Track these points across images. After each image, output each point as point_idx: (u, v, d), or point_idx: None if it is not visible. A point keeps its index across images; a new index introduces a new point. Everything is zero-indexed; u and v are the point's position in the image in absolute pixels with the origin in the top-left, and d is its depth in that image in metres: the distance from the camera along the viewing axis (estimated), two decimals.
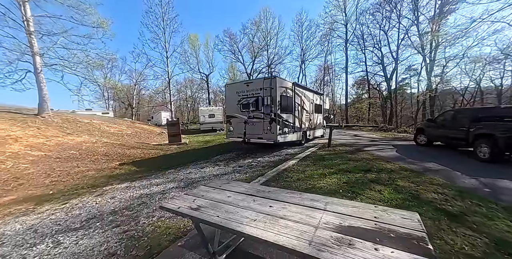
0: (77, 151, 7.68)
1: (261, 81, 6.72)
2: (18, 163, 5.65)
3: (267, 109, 6.54)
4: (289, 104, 7.26)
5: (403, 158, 5.90)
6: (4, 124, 7.95)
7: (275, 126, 6.47)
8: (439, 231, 2.21)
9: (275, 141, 6.47)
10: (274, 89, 6.41)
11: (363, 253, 0.88)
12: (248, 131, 7.14)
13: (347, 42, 25.71)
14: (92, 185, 4.44)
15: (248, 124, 7.12)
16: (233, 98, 7.52)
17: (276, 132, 6.46)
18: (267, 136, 6.65)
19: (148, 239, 2.32)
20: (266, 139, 6.68)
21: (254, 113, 6.91)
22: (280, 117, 6.64)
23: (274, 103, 6.44)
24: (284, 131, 6.89)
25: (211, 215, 1.35)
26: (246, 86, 7.20)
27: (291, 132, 7.45)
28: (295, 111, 7.58)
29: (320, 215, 1.25)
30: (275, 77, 6.54)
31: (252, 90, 7.01)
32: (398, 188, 3.48)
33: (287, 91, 7.12)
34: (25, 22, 9.63)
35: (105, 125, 14.11)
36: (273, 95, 6.44)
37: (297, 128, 7.90)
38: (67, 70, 11.73)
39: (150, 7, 24.30)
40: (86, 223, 2.72)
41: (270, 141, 6.55)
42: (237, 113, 7.43)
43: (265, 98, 6.58)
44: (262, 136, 6.78)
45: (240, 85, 7.47)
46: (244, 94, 7.21)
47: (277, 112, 6.46)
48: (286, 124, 7.02)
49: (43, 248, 2.19)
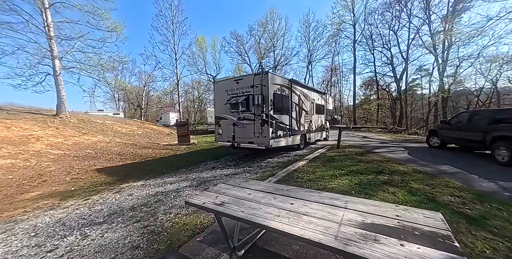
0: (92, 150, 8.00)
1: (252, 77, 5.87)
2: (41, 160, 5.97)
3: (258, 110, 5.74)
4: (285, 104, 6.46)
5: (416, 160, 5.79)
6: (27, 124, 8.40)
7: (267, 129, 5.65)
8: (457, 234, 2.19)
9: (267, 146, 5.66)
10: (266, 86, 5.60)
11: (390, 248, 0.92)
12: (238, 134, 6.32)
13: (355, 43, 25.40)
14: (109, 183, 4.63)
15: (238, 127, 6.30)
16: (222, 97, 6.69)
17: (268, 135, 5.65)
18: (259, 140, 5.83)
19: (168, 234, 2.43)
20: (257, 143, 5.84)
21: (244, 114, 6.07)
22: (273, 118, 5.85)
23: (266, 103, 5.63)
24: (278, 134, 6.11)
25: (235, 210, 1.42)
26: (236, 84, 6.27)
27: (287, 135, 6.64)
28: (292, 112, 6.80)
29: (341, 212, 1.30)
30: (267, 72, 5.66)
31: (242, 88, 6.15)
32: (412, 190, 3.44)
33: (282, 89, 6.28)
34: (46, 28, 10.17)
35: (117, 125, 14.59)
36: (264, 93, 5.63)
37: (295, 131, 7.09)
38: (83, 72, 12.29)
39: (160, 11, 25.00)
40: (108, 218, 2.87)
41: (261, 146, 5.70)
42: (226, 114, 6.63)
43: (255, 97, 5.73)
44: (253, 139, 5.95)
45: (230, 83, 6.51)
46: (234, 93, 6.36)
47: (270, 113, 5.68)
48: (281, 126, 6.22)
49: (73, 240, 2.34)
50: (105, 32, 12.65)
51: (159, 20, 25.43)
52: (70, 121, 10.91)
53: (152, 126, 19.05)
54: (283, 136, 6.38)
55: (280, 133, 6.23)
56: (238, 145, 6.27)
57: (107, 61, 13.34)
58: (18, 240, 2.37)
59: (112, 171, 5.84)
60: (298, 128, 7.39)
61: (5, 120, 8.19)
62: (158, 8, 24.97)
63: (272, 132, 5.81)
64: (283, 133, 6.39)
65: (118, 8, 23.23)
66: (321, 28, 30.70)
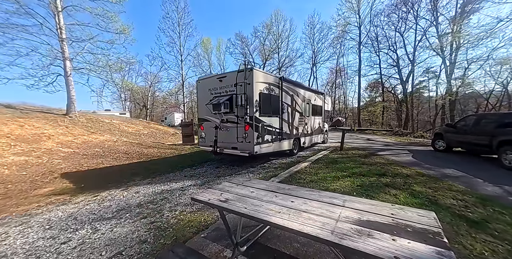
0: (100, 148, 8.24)
1: (235, 75, 5.18)
2: (52, 158, 6.20)
3: (242, 112, 5.11)
4: (274, 104, 5.82)
5: (420, 163, 5.76)
6: (39, 123, 8.72)
7: (251, 133, 5.03)
8: (457, 236, 2.21)
9: (251, 153, 5.05)
10: (250, 85, 4.98)
11: (382, 242, 0.99)
12: (221, 138, 5.70)
13: (361, 45, 25.30)
14: (116, 181, 4.79)
15: (222, 130, 5.68)
16: (205, 97, 6.06)
17: (253, 140, 5.03)
18: (242, 146, 5.20)
19: (173, 230, 2.53)
20: (241, 149, 5.22)
21: (228, 116, 5.46)
22: (259, 121, 5.22)
23: (251, 104, 5.02)
24: (265, 138, 5.44)
25: (239, 207, 1.51)
26: (219, 82, 5.64)
27: (277, 140, 5.97)
28: (282, 113, 6.14)
29: (339, 210, 1.37)
30: (251, 69, 4.96)
31: (225, 87, 5.52)
32: (414, 192, 3.45)
33: (271, 89, 5.62)
34: (58, 30, 10.55)
35: (124, 125, 14.92)
36: (248, 93, 5.00)
37: (286, 135, 6.44)
38: (92, 73, 12.65)
39: (167, 13, 25.48)
40: (117, 214, 3.00)
41: (244, 153, 5.09)
42: (209, 116, 6.00)
43: (239, 97, 5.11)
44: (236, 145, 5.32)
45: (212, 81, 5.84)
46: (217, 92, 5.73)
47: (255, 115, 5.06)
48: (268, 130, 5.56)
49: (84, 233, 2.47)
50: (113, 34, 13.02)
51: (166, 22, 25.99)
52: (79, 121, 11.24)
53: (157, 126, 19.37)
54: (271, 141, 5.71)
55: (268, 137, 5.57)
56: (221, 151, 5.61)
57: (115, 62, 13.72)
58: (34, 232, 2.52)
59: (119, 169, 6.02)
60: (291, 132, 6.76)
61: (18, 119, 8.53)
62: (165, 10, 25.46)
63: (258, 137, 5.17)
64: (272, 137, 5.73)
65: (127, 10, 23.82)
66: (326, 29, 30.74)
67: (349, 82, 34.00)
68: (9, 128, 7.41)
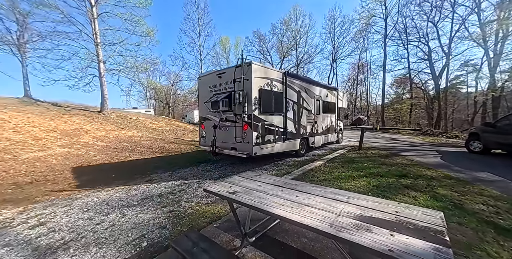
0: (128, 143, 9.03)
1: (233, 71, 4.91)
2: (89, 151, 6.99)
3: (240, 110, 4.82)
4: (277, 102, 5.44)
5: (449, 165, 5.29)
6: (78, 119, 9.85)
7: (250, 133, 4.72)
8: (482, 242, 2.05)
9: (250, 154, 4.74)
10: (249, 81, 4.65)
11: (379, 237, 1.01)
12: (221, 138, 5.45)
13: (386, 38, 23.53)
14: (141, 172, 5.25)
15: (221, 130, 5.42)
16: (205, 95, 5.85)
17: (251, 141, 4.70)
18: (241, 146, 4.91)
19: (189, 219, 2.74)
20: (240, 150, 4.94)
21: (227, 114, 5.18)
22: (259, 120, 4.89)
23: (249, 101, 4.69)
24: (266, 139, 5.09)
25: (245, 199, 1.61)
26: (219, 79, 5.35)
27: (280, 140, 5.57)
28: (287, 111, 5.75)
29: (342, 206, 1.39)
30: (249, 63, 4.64)
31: (225, 83, 5.24)
32: (437, 195, 3.22)
33: (273, 84, 5.25)
34: (94, 35, 11.69)
35: (149, 122, 16.05)
36: (246, 89, 4.69)
37: (292, 135, 6.04)
38: (122, 74, 13.82)
39: (188, 14, 26.56)
40: (141, 202, 3.33)
41: (242, 154, 4.78)
42: (209, 114, 5.76)
43: (237, 94, 4.80)
44: (235, 145, 5.02)
45: (212, 78, 5.56)
46: (217, 89, 5.49)
47: (253, 113, 4.72)
48: (270, 130, 5.21)
49: (114, 217, 2.81)
50: (140, 37, 14.04)
51: (187, 23, 27.10)
52: (111, 117, 12.39)
53: (178, 123, 20.44)
54: (273, 141, 5.34)
55: (270, 137, 5.23)
56: (221, 151, 5.36)
57: (141, 63, 14.81)
58: (75, 213, 2.93)
59: (144, 162, 6.56)
60: (297, 131, 6.30)
61: (63, 115, 9.73)
62: (186, 12, 26.63)
63: (257, 137, 4.85)
64: (274, 137, 5.36)
65: (150, 14, 25.21)
66: (347, 23, 29.22)
67: (372, 79, 32.06)
68: (56, 123, 8.51)
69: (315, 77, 39.03)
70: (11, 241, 2.27)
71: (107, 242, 2.23)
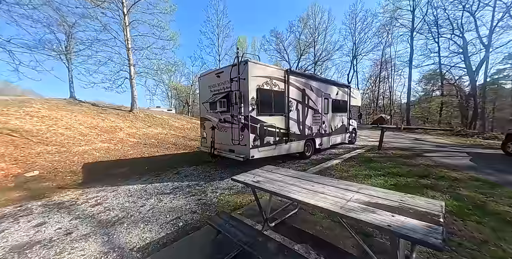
0: (155, 140, 9.87)
1: (230, 69, 4.69)
2: (124, 146, 7.87)
3: (236, 110, 4.64)
4: (278, 102, 5.16)
5: (478, 168, 5.01)
6: (114, 118, 11.01)
7: (247, 135, 4.50)
8: (499, 240, 2.09)
9: (247, 157, 4.51)
10: (245, 80, 4.41)
11: (381, 217, 1.22)
12: (219, 139, 5.33)
13: (413, 31, 21.93)
14: (170, 166, 5.83)
15: (220, 131, 5.29)
16: (205, 95, 5.73)
17: (248, 143, 4.48)
18: (238, 149, 4.73)
19: (216, 206, 3.12)
20: (237, 152, 4.78)
21: (225, 115, 5.02)
22: (257, 121, 4.64)
23: (245, 102, 4.47)
24: (265, 141, 4.84)
25: (268, 186, 1.89)
26: (217, 78, 5.16)
27: (282, 142, 5.30)
28: (290, 111, 5.46)
29: (352, 194, 1.61)
30: (246, 62, 4.39)
31: (223, 83, 5.03)
32: (458, 196, 3.19)
33: (273, 83, 4.97)
34: (126, 41, 12.85)
35: (172, 120, 17.14)
36: (243, 89, 4.46)
37: (295, 136, 5.73)
38: (148, 76, 14.97)
39: (208, 17, 27.52)
40: (173, 190, 3.81)
41: (239, 157, 4.54)
42: (209, 115, 5.64)
43: (233, 93, 4.61)
44: (233, 147, 4.86)
45: (211, 77, 5.36)
46: (215, 89, 5.32)
47: (250, 114, 4.48)
48: (270, 131, 4.96)
49: (153, 201, 3.30)
50: (164, 41, 15.04)
51: (207, 25, 28.08)
52: (139, 116, 13.56)
53: (198, 122, 21.43)
54: (274, 143, 5.07)
55: (269, 139, 4.95)
56: (220, 153, 5.20)
57: (165, 66, 15.87)
58: (121, 197, 3.50)
59: (171, 157, 7.21)
60: (302, 132, 5.99)
61: (101, 114, 10.96)
62: (206, 14, 27.65)
63: (255, 139, 4.61)
64: (275, 139, 5.09)
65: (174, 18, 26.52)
66: (370, 17, 27.79)
67: (397, 75, 30.07)
68: (96, 121, 9.66)
69: (334, 75, 37.75)
70: (80, 215, 2.86)
71: (151, 221, 2.70)
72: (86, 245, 2.20)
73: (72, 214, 2.91)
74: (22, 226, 2.61)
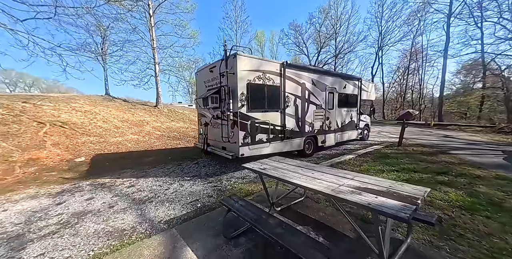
0: (177, 133, 10.66)
1: (220, 64, 4.52)
2: (150, 138, 8.70)
3: (225, 106, 4.48)
4: (273, 97, 4.86)
5: (510, 166, 4.62)
6: (141, 113, 12.09)
7: (237, 132, 4.33)
8: (504, 233, 2.08)
9: (236, 155, 4.38)
10: (234, 75, 4.19)
11: (365, 197, 1.39)
12: (212, 136, 5.25)
13: (451, 16, 19.57)
14: (190, 157, 6.38)
15: (214, 127, 5.17)
16: (200, 90, 5.62)
17: (238, 141, 4.31)
18: (229, 146, 4.63)
19: (229, 192, 3.48)
20: (228, 150, 4.68)
21: (217, 111, 4.87)
22: (247, 118, 4.41)
23: (234, 97, 4.26)
24: (257, 139, 4.61)
25: (272, 173, 2.14)
26: (210, 73, 4.99)
27: (277, 140, 5.04)
28: (286, 107, 5.15)
29: (346, 180, 1.78)
30: (235, 55, 4.15)
31: (215, 78, 4.83)
32: (474, 193, 3.09)
33: (266, 77, 4.66)
34: (152, 41, 13.78)
35: (192, 115, 18.08)
36: (232, 84, 4.28)
37: (293, 133, 5.42)
38: (171, 73, 15.91)
39: (227, 13, 27.78)
40: (193, 178, 4.27)
41: (228, 155, 4.43)
42: (204, 111, 5.55)
43: (222, 89, 4.50)
44: (225, 145, 4.76)
45: (206, 72, 5.20)
46: (210, 85, 5.15)
47: (240, 111, 4.27)
48: (263, 128, 4.71)
49: (176, 186, 3.78)
50: (186, 39, 15.76)
51: (225, 22, 28.49)
52: (163, 111, 14.62)
53: None
54: (267, 141, 4.83)
55: (262, 136, 4.72)
56: (213, 150, 5.09)
57: (186, 63, 16.70)
58: (150, 181, 4.05)
59: (191, 149, 7.81)
60: (301, 129, 5.64)
61: (131, 109, 12.11)
62: (225, 11, 28.00)
63: (245, 136, 4.40)
64: (268, 136, 4.84)
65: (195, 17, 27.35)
66: (399, 4, 25.34)
67: (428, 66, 27.30)
68: (127, 116, 10.76)
69: (357, 68, 35.62)
70: (118, 193, 3.44)
71: (174, 201, 3.15)
72: (125, 216, 2.71)
73: (112, 192, 3.51)
74: (77, 199, 3.26)
